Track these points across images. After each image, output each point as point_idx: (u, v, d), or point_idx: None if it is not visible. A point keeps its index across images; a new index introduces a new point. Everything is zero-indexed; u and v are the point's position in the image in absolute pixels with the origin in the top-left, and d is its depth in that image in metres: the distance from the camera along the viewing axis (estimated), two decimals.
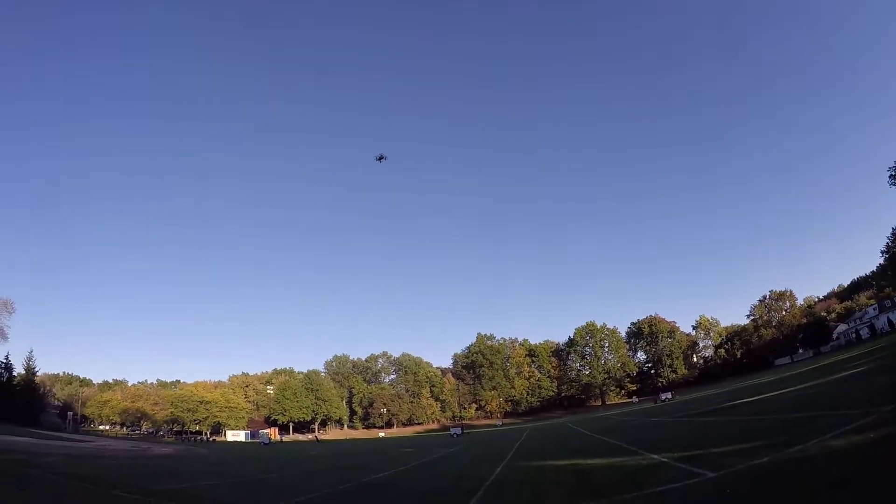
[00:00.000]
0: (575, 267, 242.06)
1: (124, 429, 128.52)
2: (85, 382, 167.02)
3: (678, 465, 11.22)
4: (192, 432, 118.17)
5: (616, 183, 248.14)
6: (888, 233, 71.53)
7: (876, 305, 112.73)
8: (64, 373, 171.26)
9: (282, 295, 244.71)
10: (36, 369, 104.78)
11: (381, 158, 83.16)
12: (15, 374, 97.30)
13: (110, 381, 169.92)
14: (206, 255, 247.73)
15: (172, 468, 25.83)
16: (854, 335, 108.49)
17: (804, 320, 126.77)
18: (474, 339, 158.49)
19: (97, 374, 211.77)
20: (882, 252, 75.31)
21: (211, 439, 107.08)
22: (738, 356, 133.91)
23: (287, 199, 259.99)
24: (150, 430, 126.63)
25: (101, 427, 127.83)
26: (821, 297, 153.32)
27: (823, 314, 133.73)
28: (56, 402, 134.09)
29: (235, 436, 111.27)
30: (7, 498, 12.18)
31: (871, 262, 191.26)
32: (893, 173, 52.40)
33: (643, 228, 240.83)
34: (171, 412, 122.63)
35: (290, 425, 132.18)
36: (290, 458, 38.33)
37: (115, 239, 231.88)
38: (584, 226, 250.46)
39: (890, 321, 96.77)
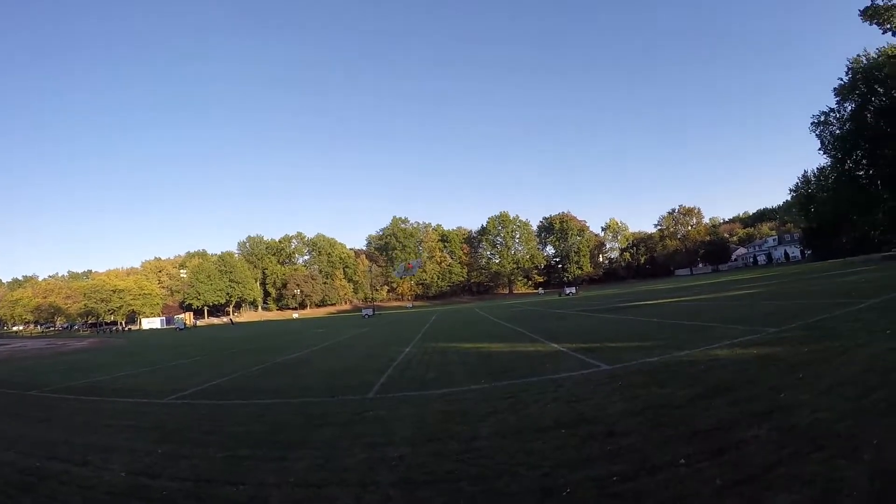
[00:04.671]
0: (491, 156, 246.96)
1: (38, 327, 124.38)
2: None
3: (576, 355, 11.81)
4: (107, 323, 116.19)
5: (550, 72, 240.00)
6: (800, 173, 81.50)
7: (776, 237, 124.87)
8: None
9: (194, 174, 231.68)
10: None
11: None
12: None
13: (20, 278, 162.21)
14: (109, 138, 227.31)
15: (89, 361, 26.01)
16: (752, 260, 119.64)
17: (707, 238, 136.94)
18: (389, 222, 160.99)
19: (5, 273, 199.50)
20: (791, 190, 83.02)
21: (126, 329, 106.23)
22: (642, 262, 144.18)
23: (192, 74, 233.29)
24: (65, 326, 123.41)
25: (14, 328, 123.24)
26: (726, 219, 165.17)
27: (726, 235, 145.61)
28: None
29: (151, 323, 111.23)
30: None
31: (778, 196, 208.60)
32: (815, 121, 56.42)
33: (565, 124, 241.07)
34: (85, 304, 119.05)
35: (205, 309, 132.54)
36: (206, 341, 39.23)
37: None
38: (502, 112, 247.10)
39: (786, 253, 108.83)
